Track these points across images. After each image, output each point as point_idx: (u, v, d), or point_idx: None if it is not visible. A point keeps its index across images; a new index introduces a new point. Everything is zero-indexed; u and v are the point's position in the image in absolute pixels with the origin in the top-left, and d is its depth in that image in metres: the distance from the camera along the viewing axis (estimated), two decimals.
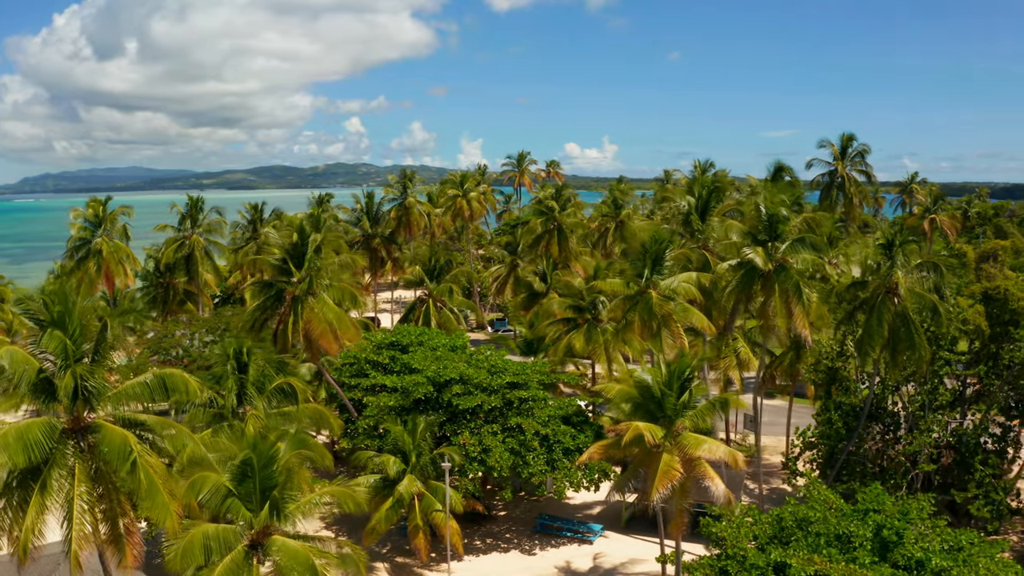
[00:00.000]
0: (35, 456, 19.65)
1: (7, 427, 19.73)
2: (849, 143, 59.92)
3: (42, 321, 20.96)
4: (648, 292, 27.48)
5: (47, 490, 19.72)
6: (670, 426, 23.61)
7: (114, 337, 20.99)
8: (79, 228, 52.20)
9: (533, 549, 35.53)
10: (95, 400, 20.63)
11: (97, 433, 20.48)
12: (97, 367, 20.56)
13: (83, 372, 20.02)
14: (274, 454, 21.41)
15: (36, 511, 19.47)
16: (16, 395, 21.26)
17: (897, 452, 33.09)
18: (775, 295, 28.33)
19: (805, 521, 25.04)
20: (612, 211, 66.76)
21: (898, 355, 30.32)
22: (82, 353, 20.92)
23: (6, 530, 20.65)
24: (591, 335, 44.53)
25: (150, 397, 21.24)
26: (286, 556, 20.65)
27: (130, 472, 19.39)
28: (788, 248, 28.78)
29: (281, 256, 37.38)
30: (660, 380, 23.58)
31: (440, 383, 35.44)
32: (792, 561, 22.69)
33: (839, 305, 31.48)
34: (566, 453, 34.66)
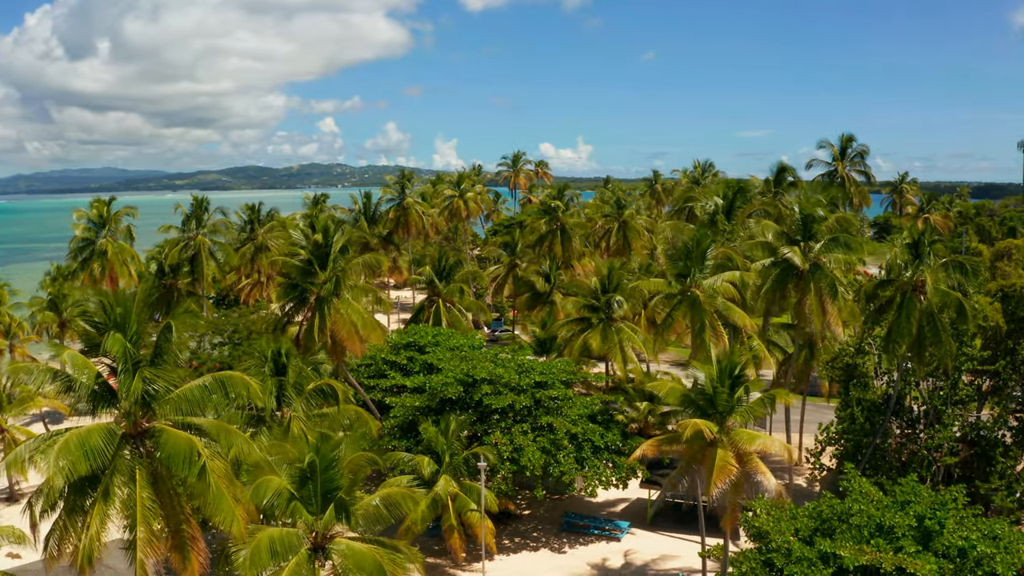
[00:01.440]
0: (96, 463, 19.29)
1: (68, 434, 19.34)
2: (849, 143, 61.14)
3: (99, 324, 20.57)
4: (693, 291, 27.81)
5: (110, 497, 19.35)
6: (722, 422, 23.93)
7: (178, 339, 20.65)
8: (83, 229, 51.16)
9: (563, 547, 35.70)
10: (156, 404, 20.30)
11: (157, 438, 20.14)
12: (159, 370, 20.22)
13: (149, 375, 19.68)
14: (336, 456, 21.30)
15: (100, 519, 19.11)
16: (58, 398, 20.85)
17: (919, 446, 33.85)
18: (811, 294, 28.87)
19: (846, 513, 25.54)
20: (615, 211, 67.21)
21: (924, 351, 31.04)
22: (140, 356, 20.59)
23: (61, 538, 20.28)
24: (606, 334, 44.89)
25: (209, 400, 20.93)
26: (352, 558, 20.54)
27: (198, 477, 19.09)
28: (822, 247, 29.34)
29: (306, 257, 37.04)
30: (712, 377, 23.89)
31: (468, 383, 35.43)
32: (844, 552, 23.11)
33: (867, 303, 32.12)
34: (595, 451, 34.91)
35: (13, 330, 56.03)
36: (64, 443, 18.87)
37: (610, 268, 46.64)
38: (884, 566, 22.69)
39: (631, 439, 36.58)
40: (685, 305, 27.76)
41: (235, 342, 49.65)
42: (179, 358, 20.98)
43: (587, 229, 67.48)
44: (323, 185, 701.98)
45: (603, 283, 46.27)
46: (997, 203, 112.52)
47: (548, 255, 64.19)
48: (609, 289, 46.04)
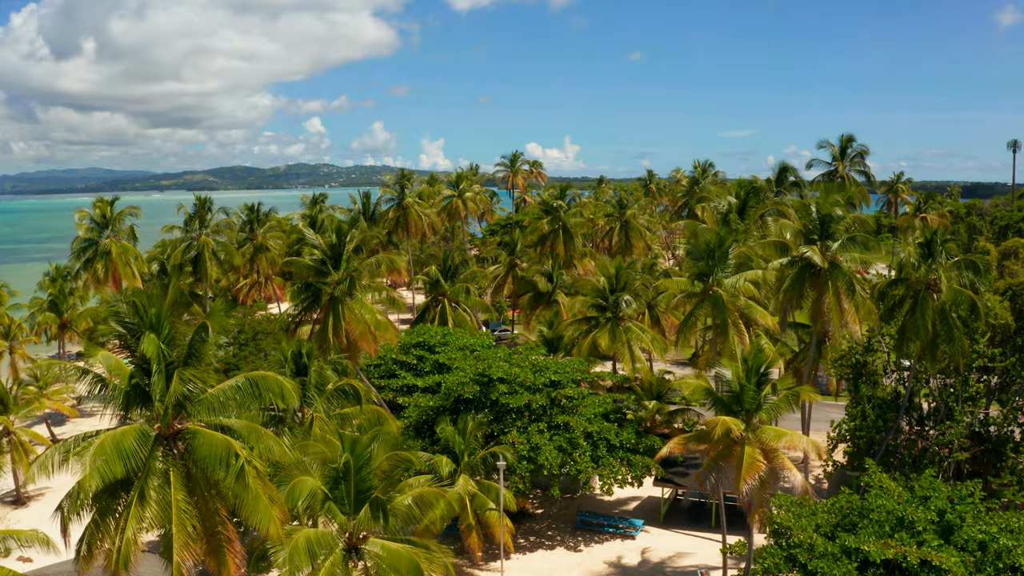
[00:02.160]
0: (131, 465, 19.11)
1: (103, 436, 19.18)
2: (849, 144, 61.70)
3: (132, 325, 20.41)
4: (716, 290, 28.01)
5: (145, 500, 19.19)
6: (749, 420, 24.13)
7: (215, 340, 20.52)
8: (86, 229, 50.63)
9: (578, 546, 35.81)
10: (190, 405, 20.17)
11: (191, 439, 20.01)
12: (196, 371, 20.09)
13: (188, 376, 19.56)
14: (369, 456, 21.27)
15: (136, 522, 18.92)
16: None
17: (930, 442, 34.27)
18: (829, 292, 29.18)
19: (867, 508, 25.81)
20: (616, 211, 67.43)
21: (937, 349, 31.43)
22: (173, 357, 20.45)
23: (93, 542, 20.09)
24: (615, 333, 45.08)
25: (242, 401, 20.82)
26: (388, 557, 20.51)
27: (236, 479, 18.98)
28: (840, 246, 29.67)
29: (320, 257, 36.92)
30: (739, 375, 24.08)
31: (484, 382, 35.46)
32: (870, 547, 23.37)
33: (878, 302, 32.48)
34: (610, 450, 35.05)
35: (13, 331, 55.45)
36: (100, 445, 18.72)
37: (618, 267, 46.82)
38: (910, 559, 22.98)
39: (645, 437, 36.78)
40: (708, 304, 27.98)
41: (241, 343, 49.36)
42: (212, 359, 20.80)
43: (589, 229, 67.66)
44: (310, 185, 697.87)
45: (611, 282, 46.47)
46: (987, 202, 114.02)
47: (550, 255, 64.31)
48: (617, 288, 46.22)
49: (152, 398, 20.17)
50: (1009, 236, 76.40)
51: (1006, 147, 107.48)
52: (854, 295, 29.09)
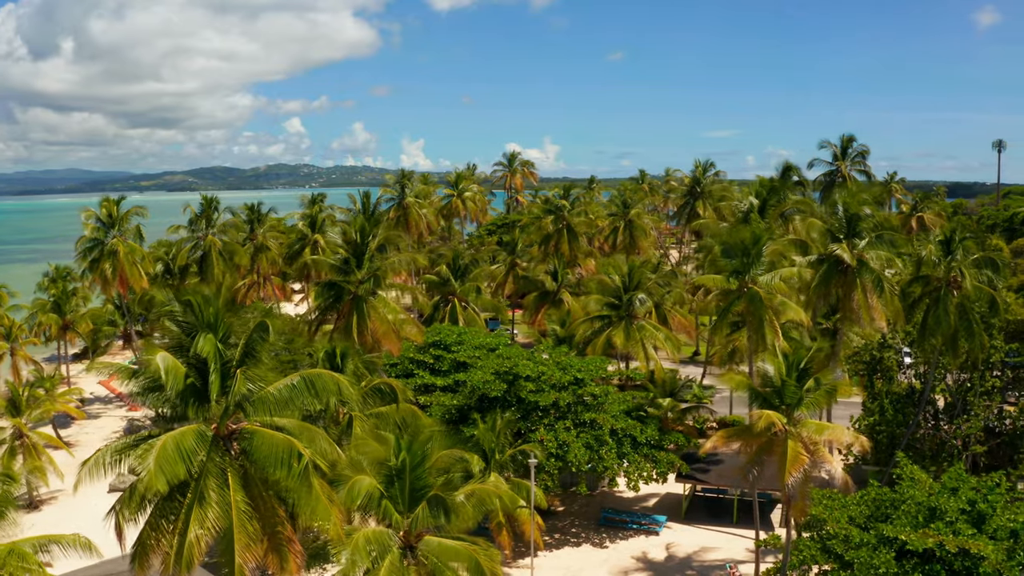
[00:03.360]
0: (192, 466, 18.92)
1: (164, 438, 18.93)
2: (849, 144, 62.71)
3: (187, 323, 20.24)
4: (752, 288, 28.43)
5: (206, 501, 19.02)
6: (790, 414, 24.51)
7: (275, 339, 20.43)
8: (92, 228, 49.91)
9: (604, 542, 36.05)
10: (247, 405, 20.05)
11: (250, 439, 19.85)
12: (257, 370, 19.98)
13: (253, 375, 19.45)
14: (425, 455, 21.29)
15: (198, 524, 18.73)
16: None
17: (948, 435, 34.98)
18: (857, 289, 29.72)
19: (899, 500, 26.31)
20: (620, 210, 67.86)
21: (958, 345, 32.12)
22: (228, 357, 20.32)
23: (149, 546, 19.88)
24: (629, 332, 45.43)
25: (299, 400, 20.74)
26: (446, 555, 20.54)
27: (300, 479, 18.87)
28: (867, 244, 30.23)
29: (343, 256, 36.78)
30: (781, 370, 24.46)
31: (509, 380, 35.57)
32: (911, 537, 23.81)
33: (902, 299, 33.12)
34: (634, 446, 35.34)
35: (14, 333, 54.56)
36: (162, 446, 18.50)
37: (631, 266, 47.18)
38: (948, 547, 23.48)
39: (669, 434, 37.14)
40: (744, 301, 28.38)
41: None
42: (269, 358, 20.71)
43: (593, 228, 68.02)
44: (290, 186, 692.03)
45: (624, 281, 46.80)
46: (972, 201, 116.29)
47: (555, 254, 64.57)
48: (631, 287, 46.57)
49: (209, 398, 20.01)
50: (996, 234, 78.08)
51: (990, 147, 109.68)
52: (882, 292, 29.68)
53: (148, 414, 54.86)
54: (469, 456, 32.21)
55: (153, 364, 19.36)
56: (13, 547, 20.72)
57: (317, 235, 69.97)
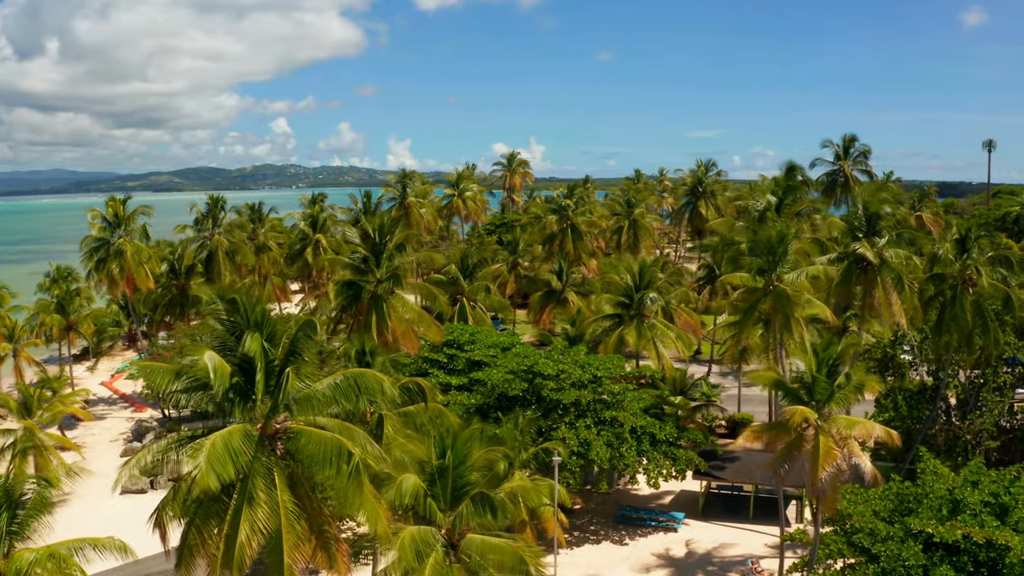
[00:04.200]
0: (240, 466, 18.69)
1: (213, 437, 18.71)
2: (852, 143, 63.40)
3: (231, 322, 20.14)
4: (778, 285, 28.72)
5: (255, 501, 18.90)
6: (820, 409, 24.80)
7: (320, 339, 20.39)
8: (99, 228, 49.45)
9: (623, 539, 36.24)
10: (293, 404, 19.96)
11: (296, 439, 19.76)
12: (310, 369, 19.91)
13: (305, 374, 19.39)
14: (467, 453, 21.36)
15: (248, 524, 18.60)
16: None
17: (962, 431, 35.49)
18: (878, 287, 30.12)
19: (922, 494, 26.68)
20: (624, 210, 68.17)
21: (972, 341, 32.61)
22: (273, 356, 20.25)
23: (195, 548, 19.70)
24: (641, 330, 45.70)
25: (343, 399, 20.71)
26: (490, 553, 20.62)
27: (350, 478, 18.80)
28: (887, 243, 30.65)
29: (362, 255, 36.70)
30: (812, 366, 24.74)
31: (529, 378, 35.67)
32: (939, 529, 24.15)
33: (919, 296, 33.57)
34: (653, 444, 35.55)
35: (17, 334, 53.99)
36: (212, 445, 18.33)
37: (642, 266, 47.48)
38: (975, 539, 23.85)
39: (686, 432, 37.40)
40: (771, 298, 28.67)
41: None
42: (314, 357, 20.66)
43: (597, 228, 68.28)
44: (277, 186, 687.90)
45: (635, 280, 47.07)
46: (963, 201, 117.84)
47: (559, 253, 64.78)
48: (641, 286, 46.84)
49: (254, 397, 19.93)
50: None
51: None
52: (903, 290, 30.10)
53: (154, 415, 54.45)
54: (492, 454, 32.34)
55: (201, 363, 19.24)
56: (52, 551, 20.47)
57: (319, 235, 69.75)
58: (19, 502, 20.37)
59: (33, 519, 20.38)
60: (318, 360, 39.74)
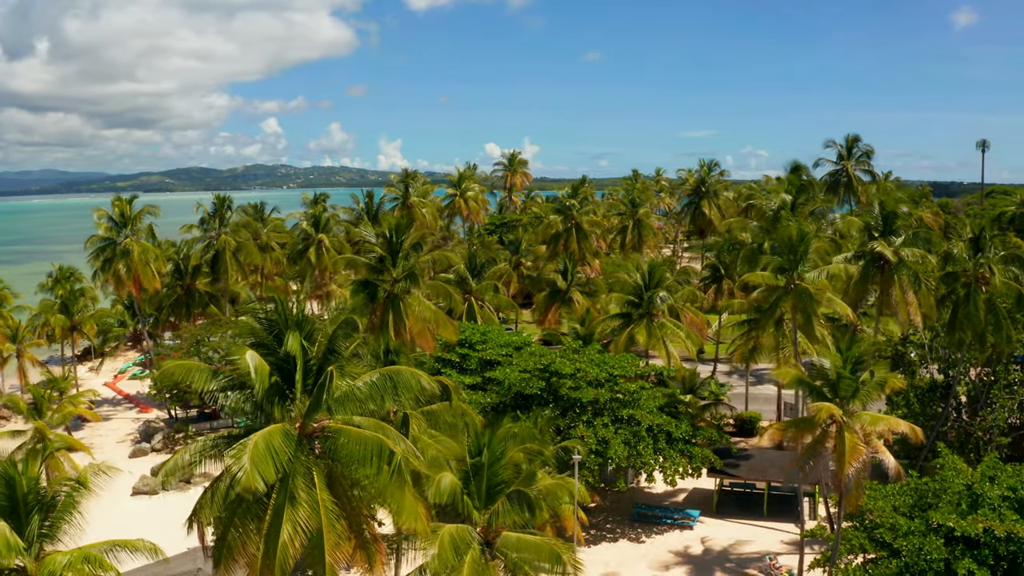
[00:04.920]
0: (281, 466, 18.63)
1: (255, 437, 18.58)
2: (854, 144, 63.93)
3: (272, 322, 20.12)
4: (799, 284, 28.96)
5: (296, 501, 18.87)
6: (844, 406, 25.06)
7: (359, 338, 20.40)
8: (106, 228, 49.13)
9: (640, 537, 36.41)
10: (333, 403, 19.95)
11: (333, 437, 19.74)
12: (354, 368, 19.92)
13: (350, 372, 19.40)
14: (503, 451, 21.44)
15: (291, 524, 18.57)
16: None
17: (974, 427, 35.89)
18: (895, 285, 30.44)
19: (941, 489, 26.98)
20: (629, 209, 68.40)
21: (985, 339, 33.01)
22: (312, 355, 20.25)
23: (233, 549, 19.65)
24: (651, 329, 45.92)
25: (380, 398, 20.73)
26: (527, 550, 20.71)
27: (391, 476, 18.81)
28: (903, 242, 30.99)
29: (378, 254, 36.68)
30: (838, 363, 24.99)
31: (546, 377, 35.77)
32: (961, 523, 24.43)
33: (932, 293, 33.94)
34: (669, 442, 35.74)
35: (21, 334, 53.57)
36: (255, 445, 18.25)
37: (652, 265, 47.74)
38: (996, 532, 24.15)
39: (701, 430, 37.62)
40: (792, 297, 28.91)
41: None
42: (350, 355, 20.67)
43: (601, 227, 68.47)
44: (268, 187, 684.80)
45: (645, 279, 47.30)
46: (957, 200, 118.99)
47: (564, 253, 64.93)
48: (651, 285, 47.07)
49: (292, 396, 19.92)
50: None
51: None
52: (919, 288, 30.44)
53: (160, 416, 54.15)
54: (513, 454, 32.41)
55: (243, 362, 19.21)
56: (86, 553, 20.34)
57: (322, 235, 69.58)
58: (50, 504, 20.26)
59: (64, 521, 20.26)
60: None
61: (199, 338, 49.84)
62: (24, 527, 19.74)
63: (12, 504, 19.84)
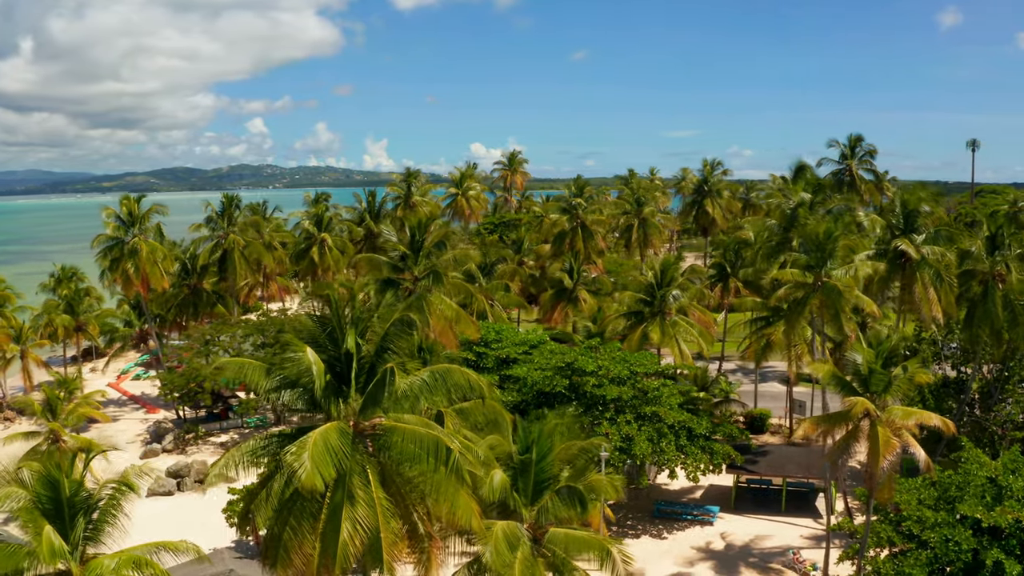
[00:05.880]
0: (340, 465, 18.57)
1: (313, 436, 18.47)
2: (857, 143, 64.71)
3: (323, 319, 20.08)
4: (828, 281, 29.35)
5: (355, 500, 18.83)
6: (876, 401, 25.43)
7: (415, 333, 20.40)
8: (114, 227, 48.65)
9: (662, 533, 36.68)
10: (389, 401, 19.94)
11: (387, 435, 19.73)
12: (405, 366, 19.93)
13: (412, 368, 19.40)
14: (550, 447, 21.55)
15: (351, 523, 18.50)
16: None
17: (988, 422, 36.49)
18: (917, 283, 30.92)
19: (964, 482, 27.46)
20: (634, 208, 68.76)
21: (1002, 335, 33.58)
22: (365, 352, 20.23)
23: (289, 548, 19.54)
24: (664, 327, 46.23)
25: (431, 396, 20.75)
26: (574, 546, 20.86)
27: (448, 473, 18.81)
28: (925, 240, 31.49)
29: (400, 252, 36.65)
30: (870, 359, 25.35)
31: (568, 374, 35.93)
32: (993, 515, 24.87)
33: None
34: (690, 439, 36.03)
35: (25, 335, 52.93)
36: (314, 444, 18.19)
37: (664, 264, 48.03)
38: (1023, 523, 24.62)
39: (721, 426, 37.96)
40: (821, 294, 29.31)
41: (284, 344, 48.31)
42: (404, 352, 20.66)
43: (606, 227, 68.78)
44: (254, 186, 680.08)
45: (657, 278, 47.59)
46: (948, 199, 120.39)
47: (570, 252, 65.15)
48: (663, 284, 47.37)
49: (346, 394, 19.90)
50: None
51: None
52: (942, 285, 30.95)
53: (168, 416, 53.70)
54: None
55: (305, 358, 19.19)
56: (135, 557, 20.15)
57: (325, 234, 69.32)
58: (94, 506, 20.06)
59: (106, 523, 20.07)
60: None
61: (208, 338, 49.51)
62: (68, 530, 19.53)
63: (56, 507, 19.60)
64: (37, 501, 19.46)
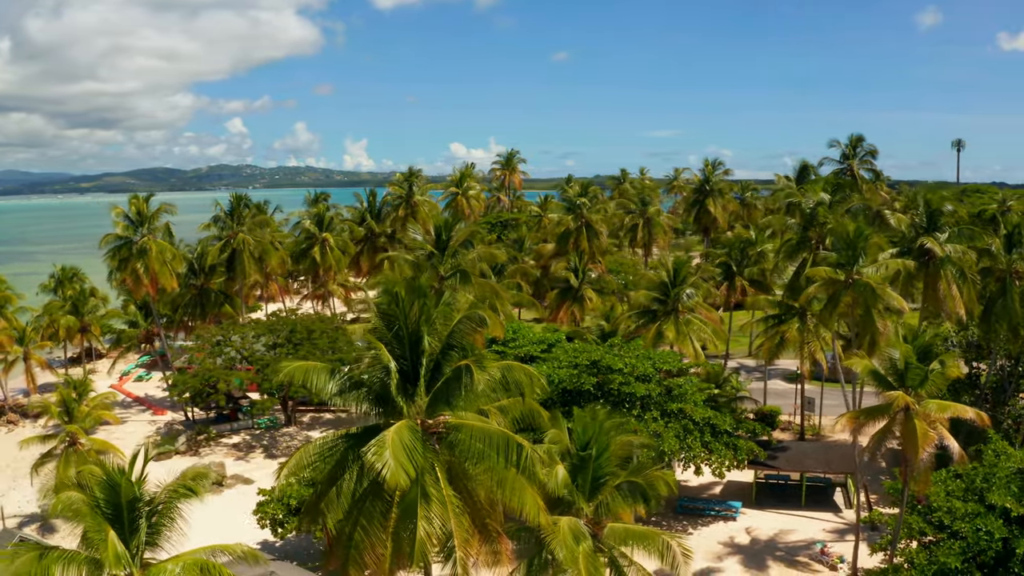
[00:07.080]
0: (417, 463, 18.49)
1: (389, 435, 18.37)
2: (859, 143, 65.76)
3: (390, 316, 20.05)
4: (859, 278, 29.88)
5: (429, 498, 18.82)
6: (912, 395, 25.98)
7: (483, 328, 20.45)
8: (123, 227, 47.97)
9: (686, 529, 37.03)
10: (462, 399, 19.92)
11: (455, 432, 19.72)
12: (481, 363, 19.97)
13: (486, 366, 19.46)
14: (608, 443, 21.72)
15: (427, 521, 18.54)
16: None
17: (1002, 416, 37.36)
18: (943, 280, 31.64)
19: (990, 473, 28.12)
20: (639, 208, 69.22)
21: (1019, 331, 34.43)
22: (433, 350, 20.24)
23: (361, 547, 19.41)
24: (678, 325, 46.67)
25: (495, 394, 20.84)
26: (632, 541, 21.05)
27: (520, 470, 18.89)
28: (948, 238, 32.24)
29: (427, 251, 36.61)
30: (908, 354, 25.87)
31: (594, 372, 36.14)
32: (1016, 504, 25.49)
33: None
34: (715, 435, 36.43)
35: (28, 336, 52.04)
36: (392, 442, 18.11)
37: (677, 263, 48.46)
38: None
39: (744, 422, 38.43)
40: (853, 291, 29.84)
41: (295, 342, 48.05)
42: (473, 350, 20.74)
43: (611, 226, 69.18)
44: (233, 186, 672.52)
45: (670, 277, 48.02)
46: None
47: (575, 251, 65.45)
48: (676, 283, 47.80)
49: (413, 393, 19.90)
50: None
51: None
52: (965, 282, 31.70)
53: (177, 418, 53.06)
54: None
55: (383, 355, 19.19)
56: (201, 562, 19.87)
57: (326, 234, 68.99)
58: (155, 510, 19.82)
59: (164, 527, 19.84)
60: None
61: (220, 338, 49.04)
62: (128, 535, 19.28)
63: (116, 511, 19.32)
64: (96, 505, 19.15)
